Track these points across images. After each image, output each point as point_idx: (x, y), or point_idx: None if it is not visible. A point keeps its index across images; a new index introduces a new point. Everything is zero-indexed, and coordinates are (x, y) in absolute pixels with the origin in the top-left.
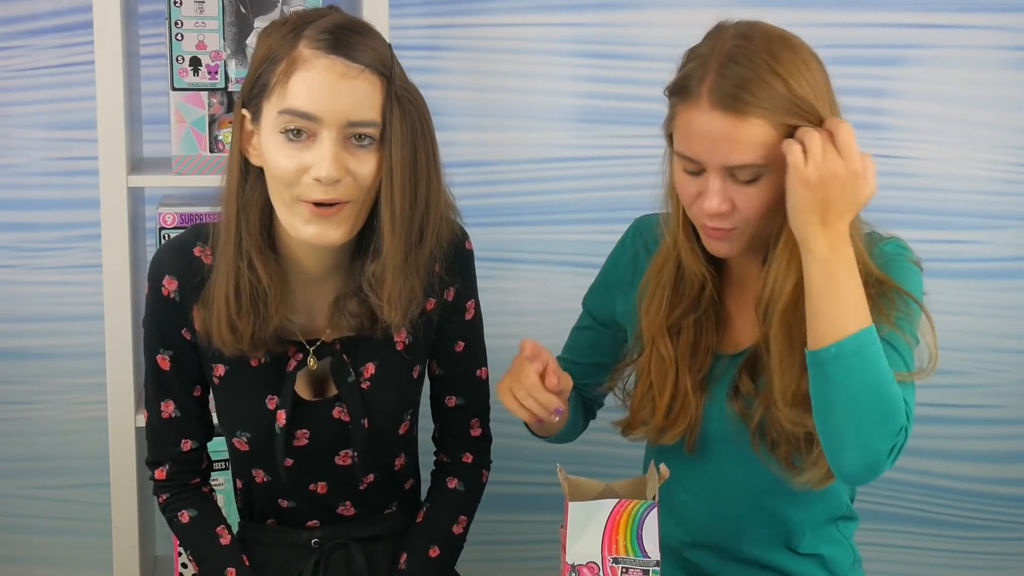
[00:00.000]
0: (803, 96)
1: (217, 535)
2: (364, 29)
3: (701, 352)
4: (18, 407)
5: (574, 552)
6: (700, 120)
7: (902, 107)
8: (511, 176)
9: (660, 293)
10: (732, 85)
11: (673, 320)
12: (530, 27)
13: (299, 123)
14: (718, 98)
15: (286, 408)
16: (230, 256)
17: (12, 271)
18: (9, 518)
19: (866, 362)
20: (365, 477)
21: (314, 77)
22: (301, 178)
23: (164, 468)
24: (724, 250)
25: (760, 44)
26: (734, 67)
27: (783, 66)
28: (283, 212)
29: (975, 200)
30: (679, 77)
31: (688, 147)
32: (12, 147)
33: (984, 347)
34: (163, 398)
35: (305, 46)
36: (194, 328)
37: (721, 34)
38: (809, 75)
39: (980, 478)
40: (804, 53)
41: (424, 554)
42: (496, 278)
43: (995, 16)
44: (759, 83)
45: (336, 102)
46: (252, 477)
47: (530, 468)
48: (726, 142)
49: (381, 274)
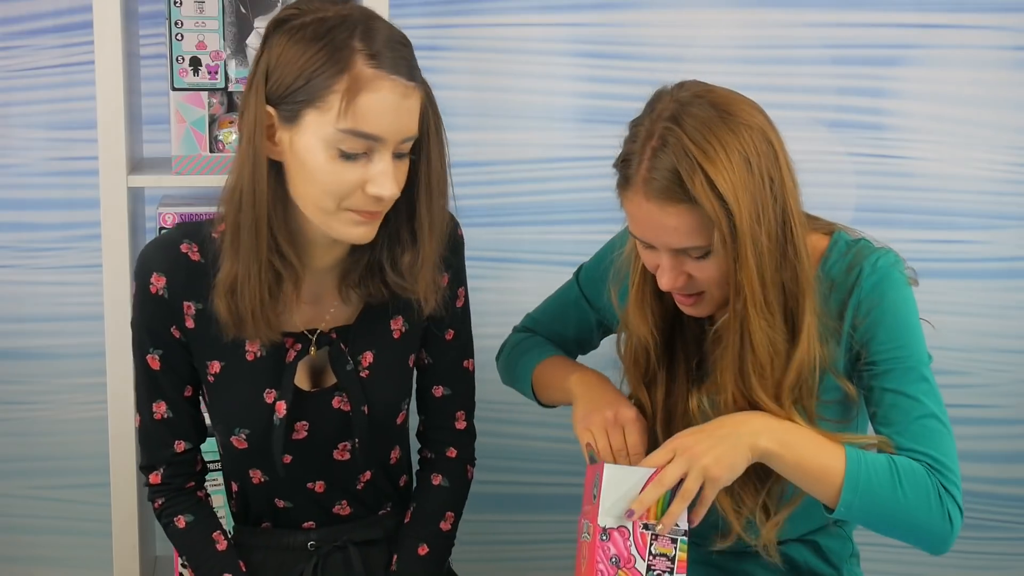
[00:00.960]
0: (724, 195)
1: (213, 541)
2: (394, 30)
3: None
4: (18, 407)
5: (606, 514)
6: (638, 208)
7: (902, 107)
8: (511, 176)
9: (629, 350)
10: (661, 177)
11: (642, 375)
12: (530, 27)
13: (362, 144)
14: (649, 189)
15: (287, 399)
16: (263, 255)
17: (12, 271)
18: (9, 518)
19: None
20: (363, 474)
21: (380, 100)
22: (355, 192)
23: (159, 472)
24: (697, 312)
25: (688, 128)
26: (662, 156)
27: (707, 157)
28: (318, 215)
29: (975, 200)
30: (619, 160)
31: (636, 230)
32: (12, 147)
33: (984, 347)
34: (155, 399)
35: (364, 64)
36: (185, 326)
37: (655, 109)
38: (733, 163)
39: (980, 478)
40: (735, 127)
41: (413, 553)
42: (496, 278)
43: (995, 16)
44: (683, 174)
45: (398, 122)
46: (248, 478)
47: (529, 468)
48: (664, 230)
49: (416, 267)
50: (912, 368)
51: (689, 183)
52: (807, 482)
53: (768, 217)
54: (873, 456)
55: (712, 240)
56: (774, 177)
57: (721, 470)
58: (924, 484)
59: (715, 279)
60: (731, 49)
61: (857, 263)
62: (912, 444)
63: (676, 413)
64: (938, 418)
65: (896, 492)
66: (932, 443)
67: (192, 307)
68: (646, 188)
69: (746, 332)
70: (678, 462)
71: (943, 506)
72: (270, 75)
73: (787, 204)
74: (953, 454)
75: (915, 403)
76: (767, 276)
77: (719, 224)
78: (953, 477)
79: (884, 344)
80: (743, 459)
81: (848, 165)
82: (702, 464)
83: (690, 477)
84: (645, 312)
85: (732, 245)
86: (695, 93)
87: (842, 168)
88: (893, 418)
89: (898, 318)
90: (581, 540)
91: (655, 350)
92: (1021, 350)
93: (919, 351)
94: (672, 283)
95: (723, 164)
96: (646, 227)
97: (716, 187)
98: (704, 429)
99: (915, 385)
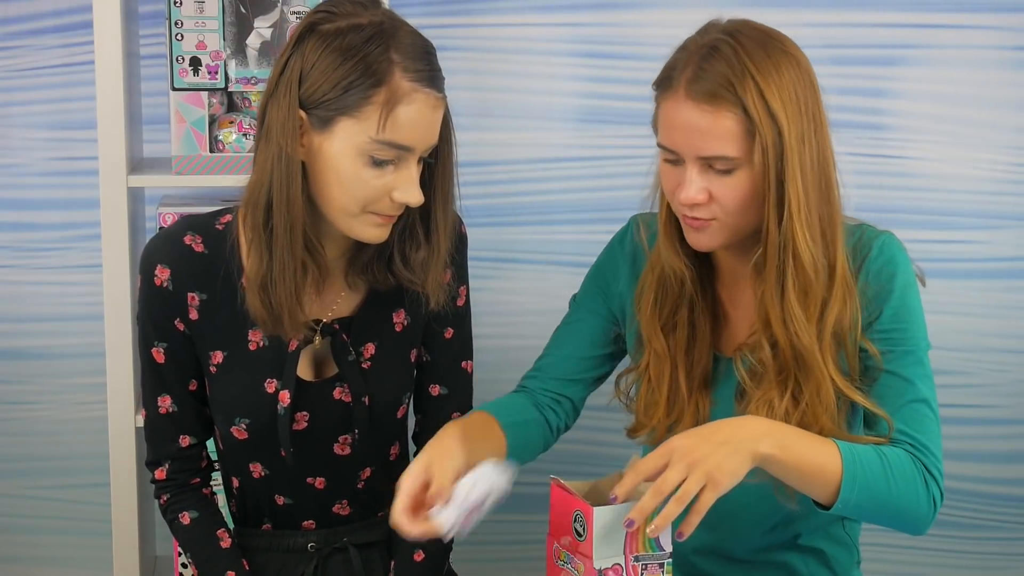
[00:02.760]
0: (772, 106)
1: (218, 538)
2: (425, 42)
3: (698, 349)
4: (18, 407)
5: (600, 556)
6: (676, 111)
7: (902, 107)
8: (511, 176)
9: (649, 291)
10: (708, 78)
11: (664, 318)
12: (530, 27)
13: (393, 153)
14: (693, 89)
15: (289, 388)
16: (298, 254)
17: (12, 271)
18: (9, 518)
19: (868, 489)
20: (363, 471)
21: (416, 112)
22: (382, 198)
23: (164, 467)
24: (705, 242)
25: (743, 42)
26: (713, 61)
27: (759, 70)
28: (340, 216)
29: (975, 200)
30: (663, 69)
31: (667, 137)
32: (12, 147)
33: (984, 347)
34: (160, 393)
35: (403, 77)
36: (188, 317)
37: (709, 29)
38: (784, 82)
39: (980, 478)
40: (787, 57)
41: (410, 560)
42: (496, 278)
43: (995, 16)
44: (734, 79)
45: (428, 133)
46: (248, 473)
47: (528, 468)
48: (699, 133)
49: (429, 265)
50: (910, 352)
51: (740, 88)
52: (804, 483)
53: (811, 144)
54: (863, 450)
55: (743, 153)
56: (816, 117)
57: (723, 476)
58: (911, 472)
59: (736, 201)
60: None
61: (865, 244)
62: (900, 425)
63: (697, 363)
64: (928, 403)
65: (888, 484)
66: (920, 427)
67: (196, 298)
68: (689, 87)
69: (789, 245)
70: (677, 467)
71: (928, 491)
72: (303, 80)
73: (825, 142)
74: (938, 440)
75: (909, 386)
76: (811, 196)
77: (764, 134)
78: (936, 461)
79: (886, 325)
80: (744, 465)
81: (848, 165)
82: (704, 469)
83: (691, 479)
84: (675, 245)
85: (778, 156)
86: (745, 22)
87: (842, 168)
88: (886, 397)
89: (903, 301)
90: (559, 567)
91: (691, 279)
92: (1021, 350)
93: (919, 335)
94: (694, 195)
95: (775, 81)
96: (682, 133)
97: (766, 98)
98: (701, 433)
99: (911, 368)
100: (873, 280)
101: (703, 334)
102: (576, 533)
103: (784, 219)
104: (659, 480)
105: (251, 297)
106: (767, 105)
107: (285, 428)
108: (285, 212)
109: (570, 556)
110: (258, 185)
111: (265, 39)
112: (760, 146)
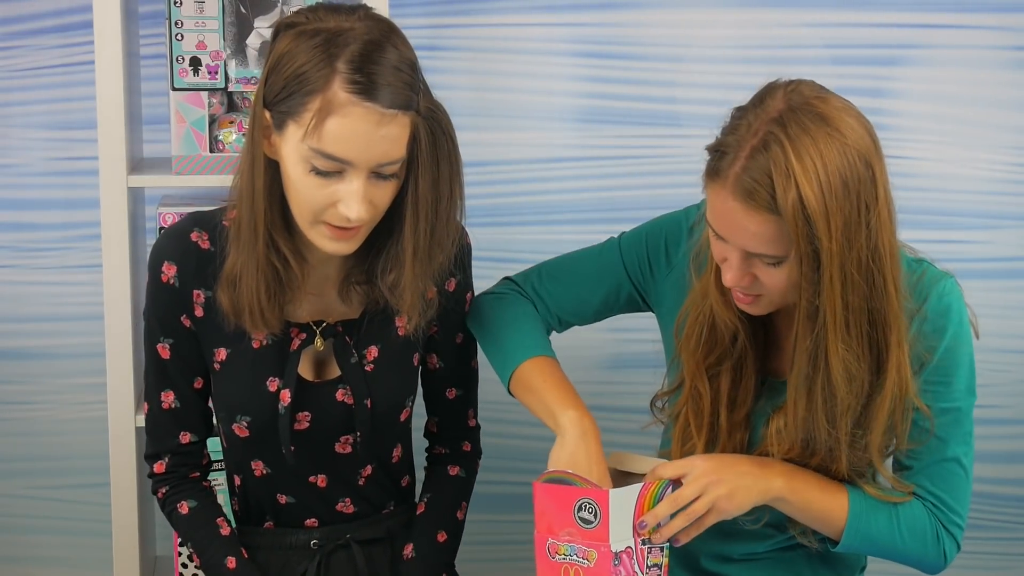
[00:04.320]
0: (812, 216)
1: (217, 525)
2: (394, 53)
3: (742, 392)
4: (18, 407)
5: (616, 539)
6: (721, 204)
7: (902, 107)
8: (511, 176)
9: (697, 332)
10: (753, 180)
11: (711, 364)
12: (530, 27)
13: (332, 164)
14: (740, 188)
15: (290, 387)
16: (260, 252)
17: (12, 271)
18: (9, 518)
19: (872, 538)
20: (363, 469)
21: (349, 125)
22: (327, 209)
23: (163, 461)
24: (752, 311)
25: (793, 134)
26: (760, 159)
27: (805, 172)
28: (303, 223)
29: (975, 200)
30: (714, 147)
31: (713, 221)
32: (12, 147)
33: (984, 347)
34: (163, 388)
35: (341, 87)
36: (194, 314)
37: (764, 104)
38: (831, 186)
39: (980, 478)
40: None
41: (433, 540)
42: (496, 278)
43: (995, 16)
44: (777, 184)
45: (369, 149)
46: (251, 471)
47: (529, 468)
48: (743, 231)
49: (400, 286)
50: (948, 410)
51: (781, 196)
52: (810, 523)
53: (859, 245)
54: (874, 505)
55: (789, 252)
56: (870, 205)
57: (732, 506)
58: (923, 528)
59: (782, 287)
60: (731, 49)
61: (924, 289)
62: (928, 484)
63: (739, 406)
64: (959, 462)
65: (894, 535)
66: (945, 486)
67: (201, 295)
68: (735, 186)
69: (821, 353)
70: (694, 484)
71: (939, 545)
72: (268, 77)
73: (880, 234)
74: (964, 499)
75: (940, 444)
76: (851, 304)
77: (800, 244)
78: (958, 519)
79: (929, 378)
80: (753, 502)
81: None
82: (717, 493)
83: (701, 501)
84: (728, 299)
85: (814, 268)
86: (807, 99)
87: None
88: (917, 453)
89: (950, 355)
90: (559, 562)
91: (744, 334)
92: (1021, 350)
93: (963, 390)
94: (737, 281)
95: (820, 183)
96: (725, 223)
97: (806, 208)
98: (723, 460)
99: (948, 428)
100: (928, 329)
101: (748, 382)
102: (583, 522)
103: (816, 329)
104: (676, 493)
105: (220, 289)
106: (806, 214)
107: (286, 427)
108: (249, 210)
109: (575, 547)
110: (235, 183)
111: (265, 39)
112: (797, 254)
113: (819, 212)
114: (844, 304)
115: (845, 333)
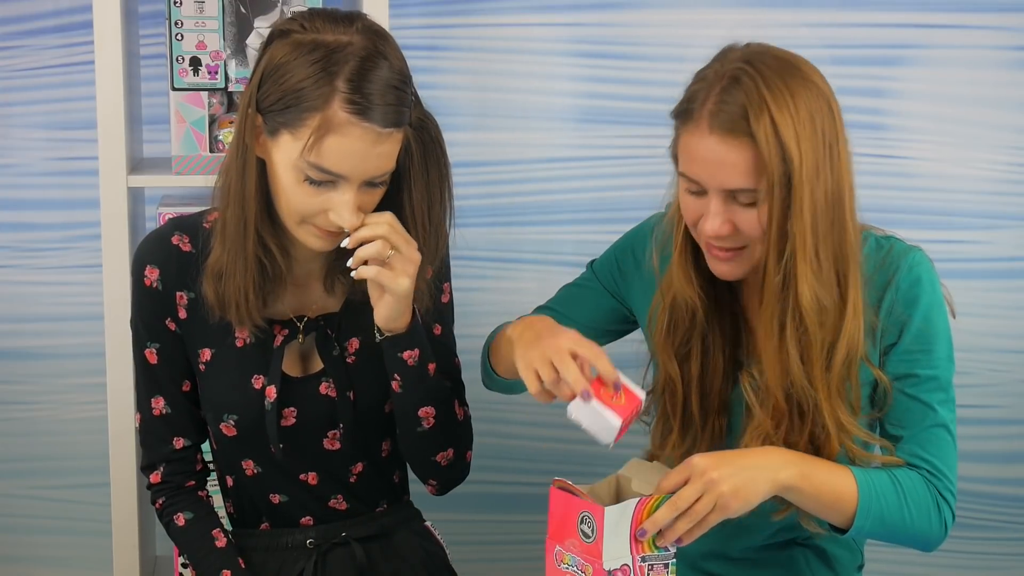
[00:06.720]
0: (784, 139)
1: (213, 538)
2: (389, 69)
3: (710, 377)
4: (18, 407)
5: (609, 557)
6: (699, 143)
7: (902, 107)
8: (511, 176)
9: (661, 316)
10: (730, 110)
11: (677, 345)
12: (530, 27)
13: (324, 176)
14: (716, 122)
15: (275, 383)
16: (249, 250)
17: (12, 271)
18: (9, 518)
19: (883, 516)
20: (354, 466)
21: (347, 144)
22: (319, 214)
23: (159, 471)
24: (729, 272)
25: (763, 71)
26: (734, 92)
27: (776, 101)
28: (290, 223)
29: (975, 200)
30: (682, 99)
31: (689, 169)
32: (12, 147)
33: (984, 347)
34: (153, 394)
35: (341, 106)
36: (178, 316)
37: (727, 56)
38: (800, 113)
39: (980, 478)
40: (806, 84)
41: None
42: (497, 278)
43: (995, 16)
44: (751, 111)
45: (364, 164)
46: (242, 471)
47: (529, 468)
48: (723, 165)
49: None
50: (932, 377)
51: (754, 121)
52: (822, 510)
53: (824, 176)
54: (879, 479)
55: (763, 184)
56: (832, 143)
57: (737, 502)
58: (925, 498)
59: (760, 231)
60: None
61: (892, 262)
62: (918, 450)
63: (712, 390)
64: (947, 428)
65: (903, 511)
66: (936, 452)
67: (184, 297)
68: (711, 120)
69: (791, 284)
70: (694, 485)
71: (940, 515)
72: (262, 83)
73: (842, 173)
74: (954, 463)
75: (929, 411)
76: (819, 230)
77: (772, 169)
78: (950, 485)
79: (910, 347)
80: (761, 494)
81: None
82: (720, 491)
83: (703, 500)
84: (689, 273)
85: (785, 192)
86: (767, 49)
87: None
88: (906, 421)
89: (928, 324)
90: (564, 570)
91: (703, 310)
92: (1021, 350)
93: (943, 358)
94: (718, 228)
95: (790, 112)
96: (702, 164)
97: (779, 132)
98: (723, 456)
99: (932, 394)
100: (900, 300)
101: (716, 362)
102: (584, 535)
103: (786, 257)
104: (676, 496)
105: (205, 282)
106: (779, 138)
107: (273, 424)
108: (239, 208)
109: (576, 559)
110: (221, 181)
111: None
112: (768, 181)
113: (791, 136)
114: (813, 229)
115: (814, 258)
